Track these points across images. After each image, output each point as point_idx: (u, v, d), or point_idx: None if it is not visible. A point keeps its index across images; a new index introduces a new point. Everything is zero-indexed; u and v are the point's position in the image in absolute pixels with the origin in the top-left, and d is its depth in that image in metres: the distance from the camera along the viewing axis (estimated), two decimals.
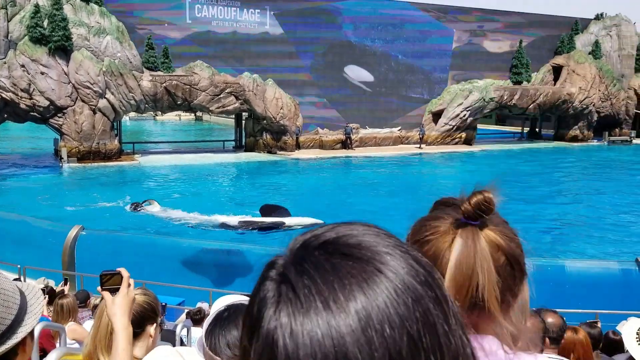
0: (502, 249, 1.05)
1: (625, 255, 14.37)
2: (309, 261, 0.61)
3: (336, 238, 0.63)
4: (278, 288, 0.60)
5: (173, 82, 29.74)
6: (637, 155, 37.55)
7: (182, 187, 24.05)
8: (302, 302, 0.58)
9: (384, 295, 0.58)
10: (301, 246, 0.64)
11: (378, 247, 0.62)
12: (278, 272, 0.62)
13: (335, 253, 0.61)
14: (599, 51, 41.99)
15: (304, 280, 0.59)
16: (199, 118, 64.54)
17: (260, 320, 0.60)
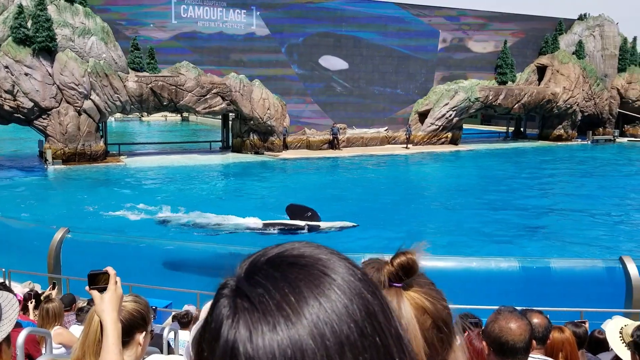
0: (429, 311, 1.03)
1: (609, 253, 14.54)
2: (259, 274, 0.66)
3: (280, 252, 0.69)
4: (233, 301, 0.64)
5: (159, 83, 29.58)
6: (620, 154, 38.03)
7: (169, 189, 23.91)
8: (258, 309, 0.62)
9: (331, 293, 0.63)
10: (250, 264, 0.69)
11: (319, 255, 0.68)
12: (231, 289, 0.66)
13: (282, 264, 0.66)
14: (583, 51, 42.45)
15: (257, 289, 0.64)
16: (186, 119, 64.26)
17: (218, 334, 0.63)
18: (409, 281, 1.04)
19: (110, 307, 1.84)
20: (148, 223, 17.71)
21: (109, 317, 1.83)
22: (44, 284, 10.40)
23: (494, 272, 10.49)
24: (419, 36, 38.26)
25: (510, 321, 2.44)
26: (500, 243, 16.30)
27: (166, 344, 5.22)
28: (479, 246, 15.86)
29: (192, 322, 6.95)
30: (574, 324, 5.33)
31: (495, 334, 2.42)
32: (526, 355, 2.41)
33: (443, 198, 23.05)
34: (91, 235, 13.17)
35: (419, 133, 37.73)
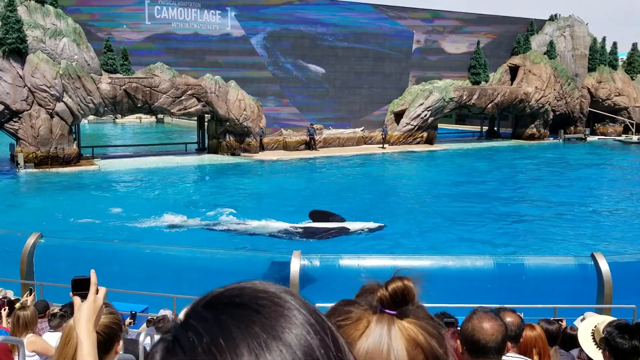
0: (422, 346, 0.94)
1: (581, 249, 14.83)
2: (194, 317, 0.65)
3: (221, 293, 0.67)
4: (167, 347, 0.64)
5: (133, 85, 29.25)
6: (591, 152, 38.79)
7: (144, 191, 23.66)
8: (186, 352, 0.61)
9: (263, 336, 0.61)
10: (191, 308, 0.68)
11: (258, 294, 0.66)
12: (171, 334, 0.66)
13: (217, 305, 0.65)
14: (554, 51, 43.20)
15: (188, 333, 0.63)
16: (160, 120, 63.62)
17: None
18: (405, 310, 0.97)
19: (86, 317, 1.82)
20: (122, 227, 17.51)
21: (83, 328, 1.81)
22: (16, 291, 10.21)
23: (469, 271, 10.62)
24: (394, 37, 38.53)
25: (484, 321, 2.48)
26: (475, 241, 16.51)
27: (142, 350, 5.17)
28: (454, 244, 16.04)
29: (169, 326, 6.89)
30: (546, 321, 5.43)
31: (468, 333, 2.47)
32: (499, 355, 2.46)
33: (419, 197, 23.25)
34: (65, 240, 12.96)
35: (395, 133, 37.99)
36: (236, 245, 15.31)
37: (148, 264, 11.20)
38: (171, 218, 18.33)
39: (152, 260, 11.40)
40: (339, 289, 10.54)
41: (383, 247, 15.49)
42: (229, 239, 16.31)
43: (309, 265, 9.95)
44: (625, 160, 35.29)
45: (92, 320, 1.83)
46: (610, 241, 16.86)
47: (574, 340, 5.46)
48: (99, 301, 1.87)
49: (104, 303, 2.32)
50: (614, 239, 17.28)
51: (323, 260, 10.46)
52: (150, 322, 7.36)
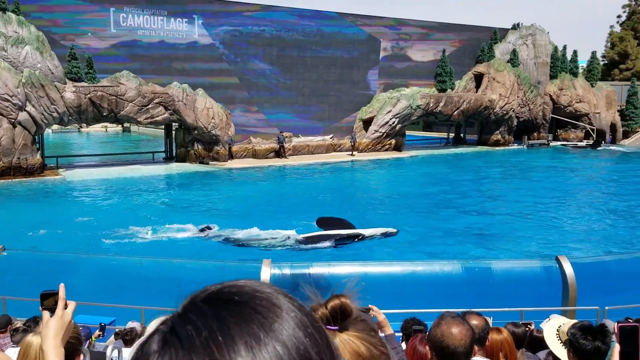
0: (363, 356, 1.01)
1: (547, 251, 15.16)
2: (193, 311, 0.66)
3: (219, 289, 0.69)
4: (164, 338, 0.65)
5: (98, 93, 28.79)
6: (554, 157, 39.73)
7: (111, 202, 23.26)
8: (184, 346, 0.62)
9: (261, 334, 0.63)
10: (189, 301, 0.69)
11: (256, 293, 0.68)
12: (167, 326, 0.67)
13: (217, 301, 0.67)
14: (517, 59, 44.20)
15: (187, 327, 0.64)
16: (127, 129, 62.73)
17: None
18: (345, 324, 1.03)
19: (53, 333, 1.78)
20: (88, 238, 17.17)
21: (50, 343, 1.77)
22: None
23: (438, 276, 10.74)
24: (362, 45, 38.88)
25: (452, 326, 2.52)
26: (443, 245, 16.71)
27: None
28: (422, 248, 16.20)
29: (137, 339, 6.79)
30: (513, 324, 5.54)
31: (437, 339, 2.50)
32: (467, 359, 2.50)
33: (388, 203, 23.44)
34: (29, 253, 12.65)
35: (364, 140, 38.26)
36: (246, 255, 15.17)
37: (115, 275, 11.00)
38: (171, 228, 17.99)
39: (120, 272, 11.21)
40: (310, 297, 10.54)
41: (348, 253, 15.56)
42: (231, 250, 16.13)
43: (280, 274, 9.92)
44: (586, 165, 36.24)
45: (59, 336, 1.79)
46: (574, 244, 17.27)
47: (540, 343, 5.57)
48: (67, 316, 1.83)
49: None
50: (578, 241, 17.70)
51: (293, 269, 10.45)
52: (118, 335, 7.22)
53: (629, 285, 10.90)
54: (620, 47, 59.08)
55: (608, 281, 11.04)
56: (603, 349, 3.27)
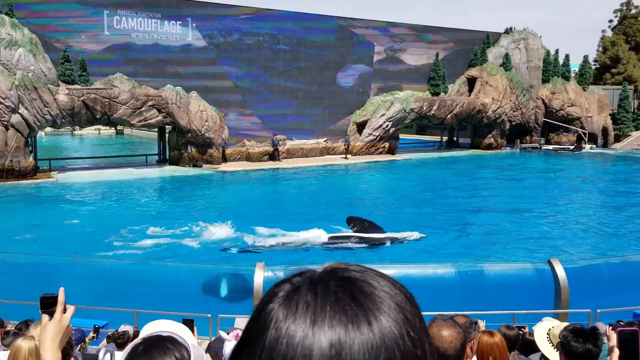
0: None
1: (538, 256, 15.24)
2: (322, 284, 0.74)
3: (356, 279, 0.75)
4: (289, 292, 0.74)
5: (91, 96, 28.71)
6: (546, 161, 39.93)
7: (104, 205, 23.18)
8: (298, 309, 0.71)
9: (359, 338, 0.68)
10: (330, 270, 0.77)
11: (380, 304, 0.73)
12: (297, 281, 0.76)
13: (346, 290, 0.73)
14: (509, 63, 44.43)
15: (308, 296, 0.72)
16: (120, 132, 62.53)
17: (264, 305, 0.75)
18: None
19: (51, 336, 1.78)
20: (81, 241, 17.11)
21: (48, 347, 1.78)
22: None
23: (431, 279, 10.78)
24: (355, 48, 38.98)
25: (442, 329, 2.54)
26: (436, 247, 16.76)
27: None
28: (416, 251, 16.24)
29: (129, 342, 6.76)
30: (506, 327, 5.57)
31: None
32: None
33: (382, 205, 23.49)
34: (21, 256, 12.61)
35: (358, 143, 38.33)
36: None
37: (108, 279, 10.98)
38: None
39: (113, 275, 11.19)
40: None
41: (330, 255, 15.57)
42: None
43: (273, 277, 9.93)
44: (577, 168, 36.44)
45: (56, 340, 1.79)
46: (567, 246, 17.36)
47: (532, 345, 5.61)
48: (64, 320, 1.83)
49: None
50: (571, 244, 17.80)
51: (287, 272, 10.46)
52: (110, 338, 7.19)
53: (621, 288, 10.99)
54: (612, 52, 59.49)
55: (600, 284, 11.12)
56: (594, 351, 3.31)
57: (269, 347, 0.70)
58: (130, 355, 1.66)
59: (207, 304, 9.74)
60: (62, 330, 1.81)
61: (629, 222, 21.11)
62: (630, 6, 62.35)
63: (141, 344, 1.67)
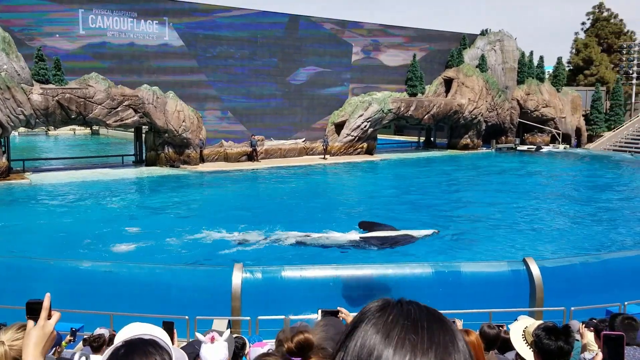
0: None
1: (514, 254, 15.45)
2: (412, 309, 0.87)
3: (431, 310, 0.89)
4: (381, 308, 0.87)
5: (66, 96, 28.28)
6: (521, 161, 40.49)
7: (79, 206, 22.84)
8: (387, 327, 0.83)
9: (457, 351, 0.83)
10: (412, 301, 0.90)
11: (457, 334, 0.87)
12: (391, 302, 0.89)
13: (430, 318, 0.86)
14: (485, 64, 44.96)
15: (399, 316, 0.85)
16: (96, 132, 61.74)
17: (360, 317, 0.87)
18: (307, 355, 1.24)
19: (33, 342, 1.77)
20: (55, 243, 16.84)
21: (30, 353, 1.77)
22: None
23: (409, 278, 10.87)
24: (334, 49, 39.06)
25: None
26: (413, 245, 16.87)
27: None
28: (392, 251, 16.34)
29: (106, 346, 6.68)
30: (488, 326, 5.64)
31: None
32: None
33: (361, 205, 23.57)
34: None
35: (336, 144, 38.41)
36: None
37: (83, 281, 10.83)
38: (216, 235, 17.81)
39: (88, 277, 11.04)
40: (282, 300, 10.50)
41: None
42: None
43: (251, 278, 9.91)
44: (551, 168, 37.04)
45: (39, 346, 1.78)
46: (542, 245, 17.63)
47: (508, 344, 5.68)
48: (48, 327, 1.82)
49: (23, 324, 2.24)
50: (546, 242, 18.07)
51: (265, 272, 10.44)
52: (86, 341, 7.09)
53: (594, 286, 11.20)
54: (585, 53, 60.58)
55: (574, 282, 11.31)
56: (566, 348, 3.38)
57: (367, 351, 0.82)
58: (111, 358, 1.64)
59: (185, 305, 9.67)
60: (45, 336, 1.80)
61: (601, 220, 21.52)
62: (602, 9, 63.56)
63: (122, 347, 1.65)
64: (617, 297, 9.78)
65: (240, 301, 9.50)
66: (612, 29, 62.66)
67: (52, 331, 1.82)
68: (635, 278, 11.43)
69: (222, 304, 9.62)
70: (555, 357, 3.38)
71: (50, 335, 1.81)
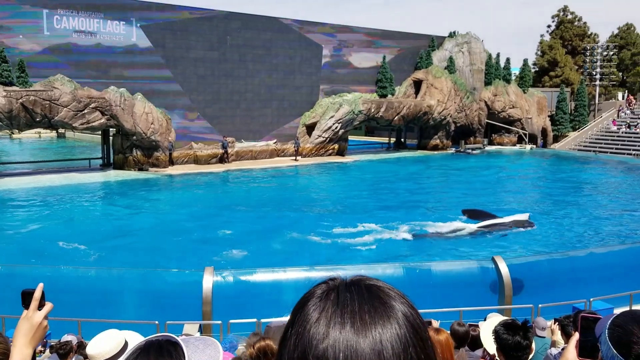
0: None
1: (483, 253, 15.66)
2: (354, 287, 0.89)
3: (381, 286, 0.90)
4: (327, 290, 0.89)
5: (30, 98, 27.62)
6: (489, 160, 41.11)
7: (44, 211, 22.32)
8: (337, 306, 0.85)
9: (391, 331, 0.83)
10: (358, 279, 0.92)
11: (398, 305, 0.88)
12: (333, 284, 0.91)
13: (374, 293, 0.88)
14: (453, 66, 45.55)
15: (345, 294, 0.87)
16: (62, 135, 60.49)
17: (303, 301, 0.89)
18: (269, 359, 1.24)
19: (22, 332, 1.74)
20: (19, 249, 16.42)
21: (16, 344, 1.74)
22: None
23: (380, 279, 10.89)
24: (304, 51, 39.08)
25: None
26: (385, 246, 16.97)
27: None
28: (363, 251, 16.39)
29: (73, 353, 6.54)
30: (457, 324, 5.71)
31: None
32: None
33: (329, 205, 23.59)
34: None
35: (307, 145, 38.41)
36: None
37: (49, 287, 10.55)
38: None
39: (54, 283, 10.78)
40: (254, 303, 10.40)
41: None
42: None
43: (222, 282, 9.82)
44: (515, 165, 37.72)
45: (27, 336, 1.74)
46: (511, 244, 17.91)
47: (477, 341, 5.76)
48: (36, 317, 1.78)
49: None
50: (515, 241, 18.36)
51: (237, 275, 10.36)
52: (53, 348, 6.94)
53: (561, 282, 11.42)
54: (550, 55, 61.89)
55: (542, 280, 11.51)
56: (524, 344, 3.46)
57: (311, 335, 0.83)
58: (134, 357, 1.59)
59: (155, 310, 9.53)
60: (33, 327, 1.76)
61: (566, 217, 21.98)
62: (566, 12, 65.04)
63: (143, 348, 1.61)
64: (583, 294, 9.99)
65: (212, 305, 9.41)
66: (576, 31, 64.19)
67: (42, 322, 1.78)
68: (600, 275, 11.71)
69: (194, 307, 9.51)
70: (514, 351, 3.46)
71: (39, 326, 1.77)
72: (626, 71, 64.46)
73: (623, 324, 1.34)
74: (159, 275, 11.05)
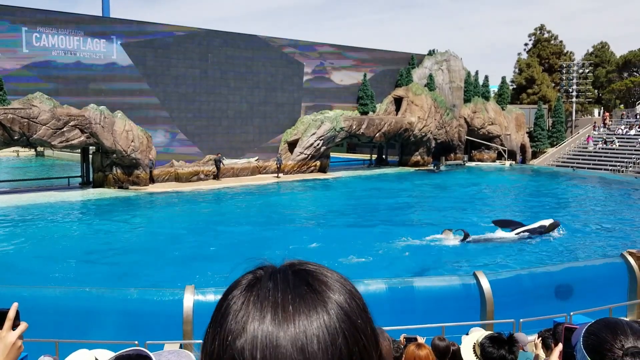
0: None
1: (464, 269, 15.73)
2: (280, 273, 0.79)
3: (313, 271, 0.81)
4: (253, 279, 0.80)
5: (8, 116, 27.28)
6: (469, 177, 41.48)
7: (20, 230, 21.94)
8: (257, 297, 0.76)
9: (318, 321, 0.73)
10: (289, 264, 0.83)
11: (334, 278, 0.81)
12: (260, 272, 0.81)
13: (303, 280, 0.78)
14: (433, 83, 46.12)
15: (268, 282, 0.77)
16: (40, 153, 59.76)
17: (226, 293, 0.82)
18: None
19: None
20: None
21: None
22: None
23: (363, 295, 10.86)
24: (285, 68, 39.29)
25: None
26: (368, 261, 16.96)
27: None
28: (346, 265, 16.34)
29: None
30: (438, 338, 5.71)
31: None
32: None
33: (311, 222, 23.57)
34: None
35: (289, 162, 38.44)
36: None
37: (26, 308, 10.35)
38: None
39: (31, 303, 10.57)
40: None
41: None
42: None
43: (203, 300, 9.72)
44: (497, 180, 38.12)
45: (1, 357, 1.69)
46: (489, 258, 18.02)
47: (456, 356, 5.76)
48: (9, 337, 1.71)
49: None
50: (495, 255, 18.49)
51: (218, 294, 10.25)
52: None
53: (542, 297, 11.50)
54: (527, 73, 63.02)
55: (523, 294, 11.57)
56: (509, 358, 3.47)
57: (228, 330, 0.76)
58: None
59: (135, 330, 9.38)
60: (7, 348, 1.70)
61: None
62: (543, 31, 66.42)
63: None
64: (563, 308, 10.06)
65: (192, 325, 9.30)
66: (553, 49, 65.55)
67: (15, 342, 1.72)
68: (579, 288, 11.82)
69: (174, 327, 9.38)
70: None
71: (13, 346, 1.72)
72: (601, 88, 65.87)
73: (597, 331, 1.36)
74: (139, 295, 10.89)
